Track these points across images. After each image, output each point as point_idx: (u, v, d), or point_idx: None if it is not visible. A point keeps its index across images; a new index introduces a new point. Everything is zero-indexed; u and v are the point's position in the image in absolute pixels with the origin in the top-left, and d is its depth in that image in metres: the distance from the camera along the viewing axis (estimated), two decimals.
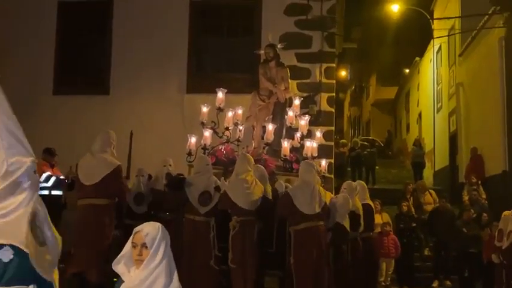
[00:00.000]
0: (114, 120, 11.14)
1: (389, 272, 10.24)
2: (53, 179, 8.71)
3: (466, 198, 12.20)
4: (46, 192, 8.67)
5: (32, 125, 11.10)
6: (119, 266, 2.88)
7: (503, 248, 8.23)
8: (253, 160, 6.97)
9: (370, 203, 8.59)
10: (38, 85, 11.48)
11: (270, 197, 6.98)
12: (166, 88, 11.33)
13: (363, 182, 8.87)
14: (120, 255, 2.89)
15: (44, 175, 8.67)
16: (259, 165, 7.44)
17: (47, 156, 9.00)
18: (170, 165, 7.42)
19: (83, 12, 11.84)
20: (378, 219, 10.34)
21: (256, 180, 6.77)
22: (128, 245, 2.87)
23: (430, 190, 12.58)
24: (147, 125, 10.94)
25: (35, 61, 11.52)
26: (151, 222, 2.93)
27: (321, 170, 8.54)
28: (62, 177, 8.98)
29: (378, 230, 9.99)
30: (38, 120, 11.26)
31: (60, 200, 8.73)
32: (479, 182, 12.54)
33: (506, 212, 8.77)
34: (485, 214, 10.71)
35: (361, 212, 7.78)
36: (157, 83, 11.32)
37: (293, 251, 6.57)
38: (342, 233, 7.12)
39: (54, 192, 8.71)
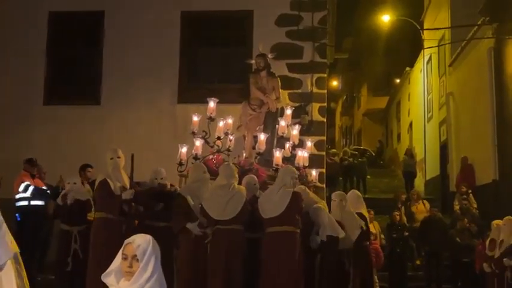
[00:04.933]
0: (105, 131, 11.13)
1: (375, 282, 10.07)
2: (31, 188, 8.67)
3: (457, 207, 12.26)
4: (25, 202, 8.63)
5: (22, 135, 11.15)
6: (109, 278, 2.84)
7: (495, 257, 8.27)
8: (234, 169, 6.90)
9: (364, 212, 8.56)
10: (29, 95, 11.44)
11: None
12: (158, 98, 11.33)
13: (357, 192, 8.80)
14: (111, 267, 2.86)
15: (23, 185, 8.64)
16: (250, 175, 7.44)
17: (27, 167, 8.96)
18: (161, 178, 7.43)
19: (74, 22, 11.83)
20: (371, 228, 10.35)
21: (239, 189, 6.64)
22: (119, 257, 2.84)
23: (423, 200, 12.57)
24: (139, 135, 10.92)
25: (25, 71, 11.49)
26: (143, 234, 2.87)
27: (311, 180, 8.54)
28: (44, 187, 8.95)
29: None
30: (29, 130, 11.22)
31: (41, 209, 8.70)
32: (470, 191, 12.61)
33: (496, 221, 8.82)
34: (473, 224, 10.77)
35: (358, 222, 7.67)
36: (149, 93, 11.32)
37: (262, 255, 6.48)
38: (327, 247, 6.89)
39: (33, 203, 8.67)
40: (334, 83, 38.76)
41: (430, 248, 10.91)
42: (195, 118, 8.37)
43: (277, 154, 8.01)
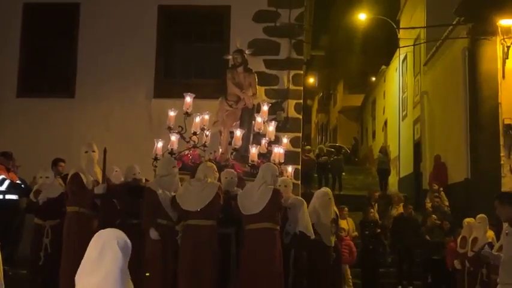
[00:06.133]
0: (79, 124, 11.01)
1: (348, 278, 10.14)
2: (7, 182, 8.56)
3: (428, 205, 12.40)
4: (0, 196, 8.52)
5: None
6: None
7: (469, 255, 8.37)
8: (214, 168, 6.83)
9: (335, 209, 8.61)
10: (2, 87, 11.25)
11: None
12: (133, 92, 11.23)
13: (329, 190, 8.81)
14: None
15: None
16: (228, 170, 7.42)
17: (3, 160, 8.84)
18: (136, 173, 7.41)
19: (49, 14, 11.67)
20: (344, 224, 10.45)
21: (212, 182, 6.56)
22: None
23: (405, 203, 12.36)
24: (113, 129, 10.82)
25: None
26: (108, 229, 2.73)
27: (287, 176, 8.56)
28: (18, 181, 8.84)
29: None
30: (1, 123, 11.05)
31: (14, 203, 8.61)
32: (441, 189, 12.76)
33: (467, 219, 8.96)
34: (446, 222, 10.90)
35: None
36: (124, 87, 11.22)
37: (242, 251, 6.46)
38: (300, 241, 6.91)
39: (8, 197, 8.57)
40: (311, 80, 38.95)
41: (402, 245, 11.03)
42: (171, 113, 8.32)
43: (253, 150, 8.01)
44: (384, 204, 12.81)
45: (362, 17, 22.71)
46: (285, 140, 9.30)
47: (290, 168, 8.90)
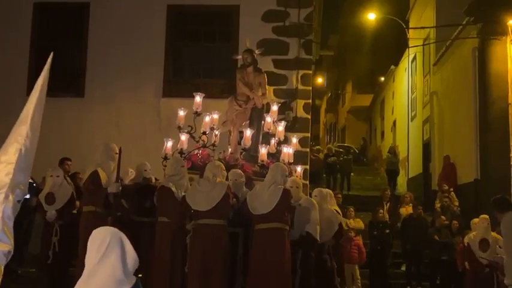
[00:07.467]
0: (88, 124, 11.06)
1: (357, 279, 10.13)
2: None
3: (438, 205, 12.33)
4: None
5: (5, 126, 10.92)
6: None
7: (481, 256, 8.26)
8: (222, 167, 6.85)
9: (338, 210, 8.58)
10: (12, 86, 11.31)
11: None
12: (143, 91, 11.27)
13: (329, 190, 8.74)
14: None
15: None
16: (235, 169, 7.42)
17: None
18: (145, 170, 7.44)
19: (60, 14, 11.73)
20: (350, 224, 10.41)
21: (221, 182, 6.58)
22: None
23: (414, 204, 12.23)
24: (122, 129, 10.86)
25: (9, 62, 11.37)
26: (103, 227, 2.79)
27: (296, 176, 8.54)
28: (30, 180, 8.88)
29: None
30: (11, 121, 11.04)
31: (26, 202, 8.65)
32: (451, 190, 12.70)
33: (476, 220, 8.91)
34: (455, 221, 10.83)
35: (337, 218, 7.70)
36: (133, 87, 11.26)
37: (251, 251, 6.47)
38: (308, 242, 6.85)
39: None
40: (319, 80, 38.83)
41: (411, 246, 10.98)
42: (181, 113, 8.34)
43: (263, 150, 8.01)
44: (393, 205, 12.74)
45: (371, 16, 22.61)
46: (294, 140, 9.29)
47: (299, 168, 8.89)
